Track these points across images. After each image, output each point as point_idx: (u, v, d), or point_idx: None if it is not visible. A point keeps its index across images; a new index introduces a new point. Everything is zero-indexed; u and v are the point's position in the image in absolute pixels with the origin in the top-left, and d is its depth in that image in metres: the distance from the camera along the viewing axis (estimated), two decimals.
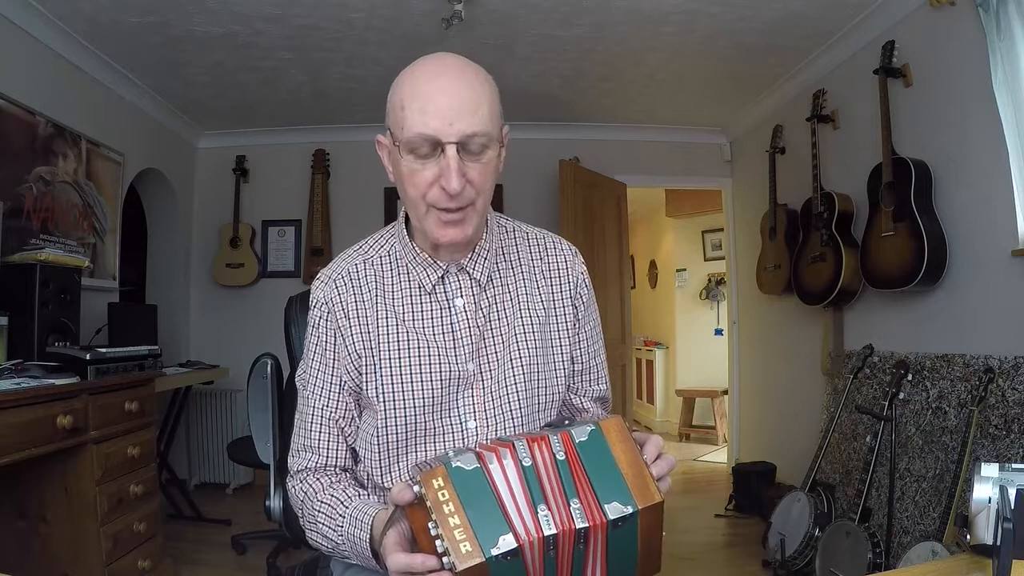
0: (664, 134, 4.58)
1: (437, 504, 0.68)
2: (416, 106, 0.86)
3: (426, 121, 0.85)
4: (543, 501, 0.69)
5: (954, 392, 2.39)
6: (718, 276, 5.89)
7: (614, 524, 0.69)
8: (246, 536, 3.11)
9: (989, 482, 0.80)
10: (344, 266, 1.02)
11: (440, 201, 0.89)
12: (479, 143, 0.87)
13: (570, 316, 1.06)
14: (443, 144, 0.86)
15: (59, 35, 2.94)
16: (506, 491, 0.70)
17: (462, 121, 0.85)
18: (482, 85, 0.90)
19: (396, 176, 0.94)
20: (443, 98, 0.85)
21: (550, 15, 2.96)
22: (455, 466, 0.70)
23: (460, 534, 0.66)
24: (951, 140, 2.46)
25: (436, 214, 0.90)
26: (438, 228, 0.91)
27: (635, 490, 0.71)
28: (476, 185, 0.89)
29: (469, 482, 0.70)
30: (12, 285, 2.39)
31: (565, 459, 0.72)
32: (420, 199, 0.90)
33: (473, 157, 0.88)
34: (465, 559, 0.65)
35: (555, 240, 1.10)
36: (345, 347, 0.98)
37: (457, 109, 0.85)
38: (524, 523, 0.68)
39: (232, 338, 4.28)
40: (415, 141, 0.86)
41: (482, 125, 0.87)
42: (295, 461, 1.02)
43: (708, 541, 3.31)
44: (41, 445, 1.92)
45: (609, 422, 0.76)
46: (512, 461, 0.72)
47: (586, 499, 0.70)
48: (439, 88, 0.86)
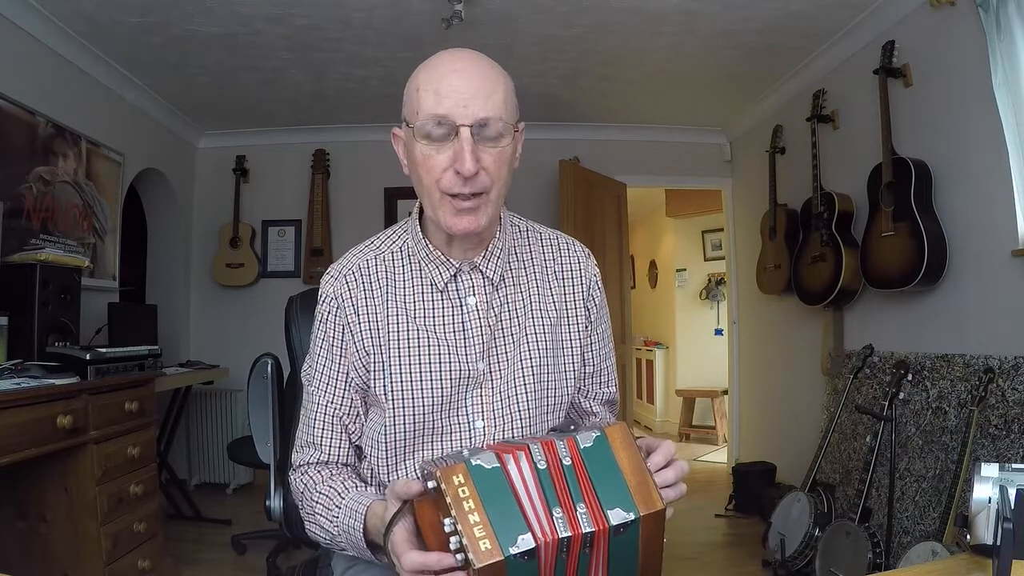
0: (664, 134, 4.58)
1: (457, 500, 0.68)
2: (431, 88, 0.86)
3: (440, 102, 0.85)
4: (558, 504, 0.70)
5: (954, 392, 2.39)
6: (718, 276, 5.89)
7: (616, 530, 0.69)
8: (246, 536, 3.11)
9: (989, 482, 0.80)
10: (355, 261, 1.01)
11: (454, 186, 0.87)
12: (494, 128, 0.87)
13: (582, 318, 1.05)
14: (457, 126, 0.85)
15: (59, 35, 2.94)
16: (523, 492, 0.70)
17: (476, 104, 0.85)
18: (498, 75, 0.90)
19: (410, 164, 0.93)
20: (458, 81, 0.86)
21: (550, 15, 2.96)
22: (475, 464, 0.70)
23: (480, 531, 0.66)
24: (951, 140, 2.46)
25: (450, 202, 0.89)
26: (452, 217, 0.89)
27: (638, 497, 0.71)
28: (490, 172, 0.88)
29: (489, 481, 0.70)
30: (12, 285, 2.39)
31: (571, 464, 0.73)
32: (434, 185, 0.89)
33: (488, 142, 0.87)
34: (484, 557, 0.65)
35: (568, 241, 1.09)
36: (353, 343, 0.97)
37: (472, 92, 0.85)
38: (541, 524, 0.68)
39: (232, 338, 4.29)
40: (429, 123, 0.86)
41: (496, 110, 0.87)
42: (298, 456, 1.02)
43: (708, 541, 3.31)
44: (41, 445, 1.92)
45: (614, 429, 0.76)
46: (528, 463, 0.72)
47: (591, 504, 0.70)
48: (454, 71, 0.87)
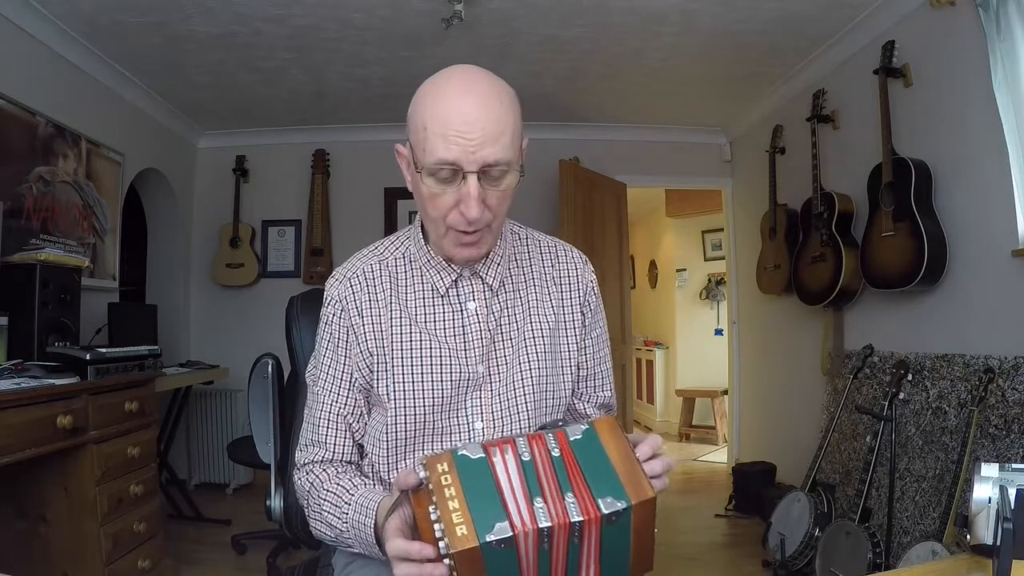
0: (664, 134, 4.58)
1: (439, 487, 0.70)
2: (439, 131, 0.86)
3: (448, 148, 0.85)
4: (539, 494, 0.71)
5: (954, 392, 2.39)
6: (718, 276, 5.89)
7: (608, 518, 0.70)
8: (246, 536, 3.11)
9: (989, 482, 0.80)
10: (359, 265, 1.04)
11: (459, 224, 0.91)
12: (500, 171, 0.88)
13: (578, 322, 1.08)
14: (464, 172, 0.86)
15: (59, 35, 2.94)
16: (506, 483, 0.72)
17: (484, 150, 0.86)
18: (506, 111, 0.89)
19: (416, 194, 0.95)
20: (466, 126, 0.85)
21: (550, 15, 2.96)
22: (461, 454, 0.73)
23: (458, 518, 0.68)
24: (951, 140, 2.46)
25: (454, 235, 0.93)
26: (455, 247, 0.95)
27: (628, 485, 0.72)
28: (493, 208, 0.91)
29: (472, 470, 0.72)
30: (12, 285, 2.39)
31: (560, 456, 0.74)
32: (440, 220, 0.92)
33: (493, 183, 0.89)
34: (459, 542, 0.67)
35: (566, 248, 1.13)
36: (357, 345, 1.00)
37: (480, 138, 0.85)
38: (520, 514, 0.69)
39: (232, 338, 4.29)
40: (436, 168, 0.87)
41: (503, 153, 0.87)
42: (302, 455, 1.04)
43: (708, 541, 3.31)
44: (41, 445, 1.92)
45: (602, 421, 0.78)
46: (512, 456, 0.74)
47: (580, 494, 0.71)
48: (462, 113, 0.85)
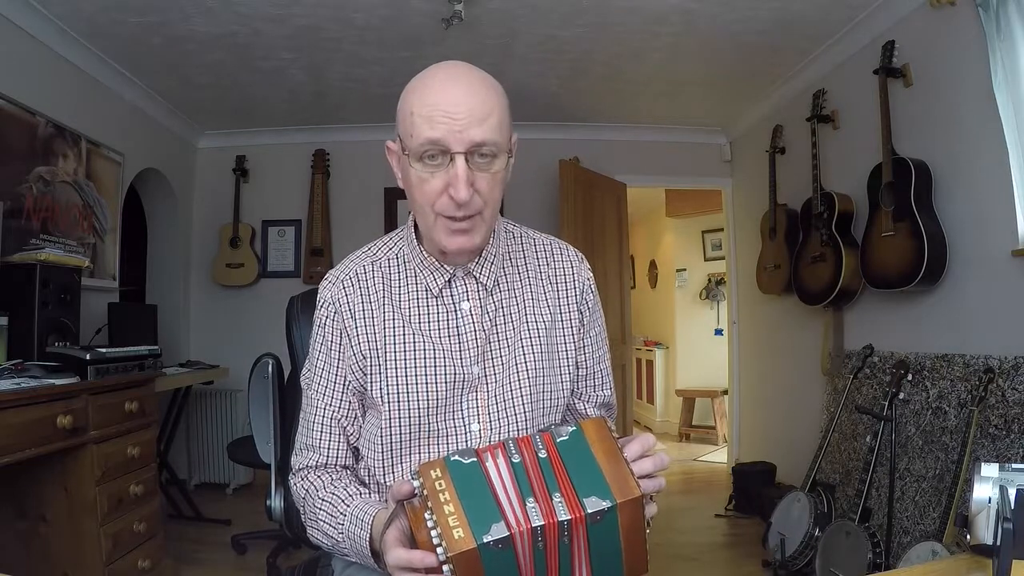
0: (664, 134, 4.58)
1: (433, 492, 0.70)
2: (425, 114, 0.86)
3: (434, 128, 0.86)
4: (531, 494, 0.72)
5: (954, 392, 2.39)
6: (718, 276, 5.89)
7: (592, 517, 0.70)
8: (246, 536, 3.11)
9: (989, 482, 0.80)
10: (352, 267, 1.03)
11: (448, 209, 0.90)
12: (488, 152, 0.88)
13: (575, 321, 1.06)
14: (452, 153, 0.86)
15: (59, 35, 2.94)
16: (499, 485, 0.72)
17: (471, 130, 0.86)
18: (492, 95, 0.90)
19: (405, 183, 0.95)
20: (452, 107, 0.85)
21: (550, 15, 2.96)
22: (454, 459, 0.73)
23: (454, 521, 0.68)
24: (951, 140, 2.46)
25: (444, 223, 0.91)
26: (446, 236, 0.92)
27: (614, 485, 0.72)
28: (484, 194, 0.90)
29: (466, 474, 0.72)
30: (12, 285, 2.39)
31: (547, 457, 0.75)
32: (429, 207, 0.91)
33: (481, 166, 0.89)
34: (457, 545, 0.67)
35: (562, 247, 1.11)
36: (351, 347, 0.99)
37: (466, 118, 0.85)
38: (515, 514, 0.70)
39: (232, 338, 4.29)
40: (424, 149, 0.87)
41: (491, 134, 0.87)
42: (297, 459, 1.04)
43: (708, 541, 3.31)
44: (41, 445, 1.92)
45: (590, 422, 0.78)
46: (504, 459, 0.74)
47: (567, 494, 0.72)
48: (448, 96, 0.86)
